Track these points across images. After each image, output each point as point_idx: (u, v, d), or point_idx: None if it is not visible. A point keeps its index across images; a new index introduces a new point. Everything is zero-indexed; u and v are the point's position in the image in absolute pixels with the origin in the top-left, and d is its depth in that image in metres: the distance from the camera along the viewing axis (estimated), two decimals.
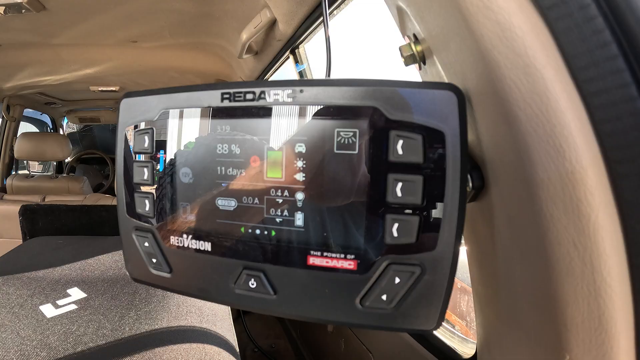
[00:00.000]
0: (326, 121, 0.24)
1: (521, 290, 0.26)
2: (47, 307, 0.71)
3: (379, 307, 0.25)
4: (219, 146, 0.28)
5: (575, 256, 0.21)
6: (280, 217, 0.26)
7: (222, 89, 0.27)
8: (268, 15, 0.98)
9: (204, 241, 0.29)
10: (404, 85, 0.23)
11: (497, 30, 0.19)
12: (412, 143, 0.23)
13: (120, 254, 1.04)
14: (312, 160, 0.25)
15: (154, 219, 0.31)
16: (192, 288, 0.30)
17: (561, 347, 0.23)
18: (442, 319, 0.26)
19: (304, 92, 0.24)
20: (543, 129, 0.20)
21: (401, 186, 0.23)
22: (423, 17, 0.28)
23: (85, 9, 1.03)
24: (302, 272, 0.25)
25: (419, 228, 0.24)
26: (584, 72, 0.19)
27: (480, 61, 0.21)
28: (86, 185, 2.11)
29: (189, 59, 1.75)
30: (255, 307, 0.27)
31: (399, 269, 0.24)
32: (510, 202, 0.25)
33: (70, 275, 0.86)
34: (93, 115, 2.81)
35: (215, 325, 0.79)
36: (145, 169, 0.32)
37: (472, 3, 0.20)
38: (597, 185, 0.20)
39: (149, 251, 0.32)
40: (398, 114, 0.23)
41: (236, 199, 0.27)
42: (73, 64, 1.45)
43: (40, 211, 1.11)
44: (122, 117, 0.33)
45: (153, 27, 1.33)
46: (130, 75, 1.82)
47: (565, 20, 0.19)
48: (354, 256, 0.25)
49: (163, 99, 0.30)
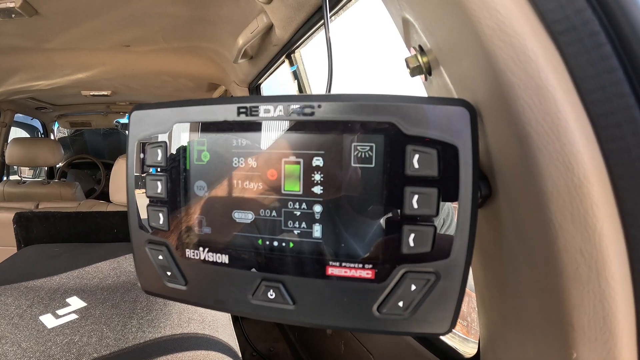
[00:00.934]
0: (343, 135, 0.25)
1: (528, 293, 0.28)
2: (47, 317, 0.70)
3: (395, 314, 0.26)
4: (235, 159, 0.28)
5: (582, 263, 0.23)
6: (298, 229, 0.27)
7: (238, 103, 0.27)
8: (265, 20, 0.99)
9: (221, 254, 0.29)
10: (420, 102, 0.24)
11: (512, 53, 0.21)
12: (427, 157, 0.24)
13: (117, 261, 1.03)
14: (329, 173, 0.26)
15: (168, 232, 0.31)
16: (208, 300, 0.31)
17: (568, 346, 0.24)
18: (455, 322, 0.27)
19: (322, 108, 0.25)
20: (553, 147, 0.21)
21: (417, 198, 0.24)
22: (433, 31, 0.29)
23: (78, 14, 1.02)
24: (321, 282, 0.26)
25: (434, 237, 0.25)
26: (591, 94, 0.20)
27: (493, 80, 0.22)
28: (78, 190, 2.08)
29: (182, 63, 1.75)
30: (274, 317, 0.28)
31: (415, 277, 0.25)
32: (519, 210, 0.26)
33: (69, 283, 0.85)
34: (84, 120, 2.78)
35: (217, 331, 0.80)
36: (158, 182, 0.32)
37: (487, 26, 0.21)
38: (602, 198, 0.22)
39: (163, 264, 0.32)
40: (414, 129, 0.24)
41: (253, 212, 0.28)
42: (65, 68, 1.43)
43: (34, 218, 1.10)
44: (133, 130, 0.33)
45: (146, 32, 1.32)
46: (122, 80, 1.80)
47: (575, 46, 0.20)
48: (371, 266, 0.26)
49: (176, 112, 0.30)
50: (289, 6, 0.83)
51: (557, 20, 0.20)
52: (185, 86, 2.18)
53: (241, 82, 1.74)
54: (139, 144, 0.32)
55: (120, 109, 2.65)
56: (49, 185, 2.05)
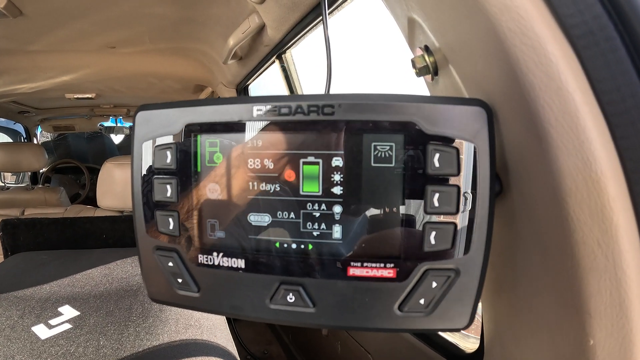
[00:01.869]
0: (363, 135, 0.25)
1: (542, 285, 0.28)
2: (40, 327, 0.68)
3: (416, 311, 0.26)
4: (250, 161, 0.28)
5: (599, 253, 0.24)
6: (317, 231, 0.27)
7: (255, 103, 0.27)
8: (257, 20, 0.98)
9: (236, 258, 0.29)
10: (438, 101, 0.24)
11: (533, 55, 0.21)
12: (448, 156, 0.24)
13: (109, 268, 1.01)
14: (349, 173, 0.26)
15: (179, 237, 0.30)
16: (223, 306, 0.30)
17: (585, 333, 0.25)
18: (474, 317, 0.27)
19: (342, 107, 0.24)
20: (572, 144, 0.22)
21: (438, 196, 0.25)
22: (444, 32, 0.29)
23: (64, 15, 0.99)
24: (341, 284, 0.26)
25: (454, 234, 0.25)
26: (607, 95, 0.21)
27: (513, 81, 0.23)
28: (63, 195, 2.02)
29: (168, 65, 1.72)
30: (293, 321, 0.28)
31: (436, 274, 0.26)
32: (534, 206, 0.27)
33: (60, 292, 0.83)
34: (67, 124, 2.70)
35: (215, 336, 0.78)
36: (168, 185, 0.31)
37: (509, 28, 0.21)
38: (618, 192, 0.23)
39: (173, 271, 0.31)
40: (435, 129, 0.24)
41: (270, 215, 0.28)
42: (49, 71, 1.39)
43: (21, 225, 1.06)
44: (139, 132, 0.31)
45: (133, 33, 1.29)
46: (107, 82, 1.76)
47: (592, 49, 0.21)
48: (393, 265, 0.26)
49: (187, 112, 0.29)
50: (283, 6, 0.83)
51: (575, 25, 0.21)
52: (171, 88, 2.14)
53: (229, 84, 1.73)
54: (152, 145, 0.30)
55: (104, 112, 2.60)
56: (34, 191, 1.99)
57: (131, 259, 1.09)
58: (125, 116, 2.71)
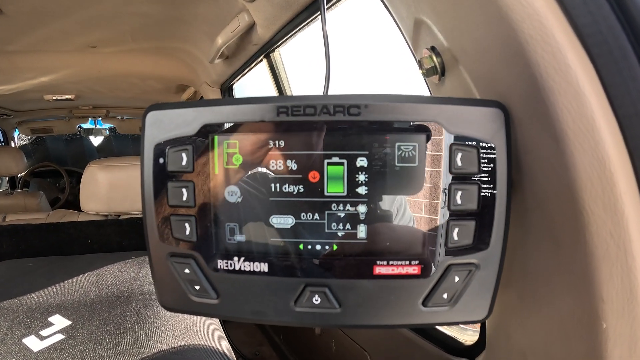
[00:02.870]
0: (387, 136, 0.26)
1: (553, 274, 0.30)
2: (31, 339, 0.65)
3: (440, 305, 0.27)
4: (272, 162, 0.28)
5: (611, 243, 0.25)
6: (342, 231, 0.27)
7: (278, 103, 0.26)
8: (247, 19, 0.97)
9: (259, 262, 0.28)
10: (458, 103, 0.25)
11: (553, 62, 0.23)
12: (469, 155, 0.25)
13: (97, 274, 0.98)
14: (373, 173, 0.26)
15: (196, 243, 0.30)
16: (244, 312, 0.29)
17: (598, 317, 0.27)
18: (492, 308, 0.29)
19: (368, 108, 0.25)
20: (589, 144, 0.23)
21: (461, 194, 0.25)
22: (458, 35, 0.30)
23: (45, 14, 0.95)
24: (367, 283, 0.27)
25: (475, 230, 0.26)
26: (619, 99, 0.23)
27: (532, 85, 0.24)
28: (43, 200, 1.94)
29: (150, 65, 1.68)
30: (318, 323, 0.28)
31: (458, 269, 0.26)
32: (546, 201, 0.28)
33: (48, 301, 0.80)
34: (46, 126, 2.59)
35: (213, 341, 0.78)
36: (184, 189, 0.30)
37: (530, 36, 0.23)
38: (628, 187, 0.25)
39: (190, 278, 0.30)
40: (456, 129, 0.25)
41: (293, 216, 0.28)
42: (28, 72, 1.33)
43: (4, 232, 1.01)
44: (149, 133, 0.30)
45: (115, 32, 1.26)
46: (88, 83, 1.70)
47: (606, 57, 0.23)
48: (417, 262, 0.26)
49: (204, 112, 0.28)
50: (275, 5, 0.82)
51: (592, 34, 0.23)
52: (152, 88, 2.09)
53: (213, 83, 1.70)
54: (165, 147, 0.29)
55: (83, 114, 2.51)
56: (13, 196, 1.90)
57: (119, 264, 1.06)
58: (104, 117, 2.63)
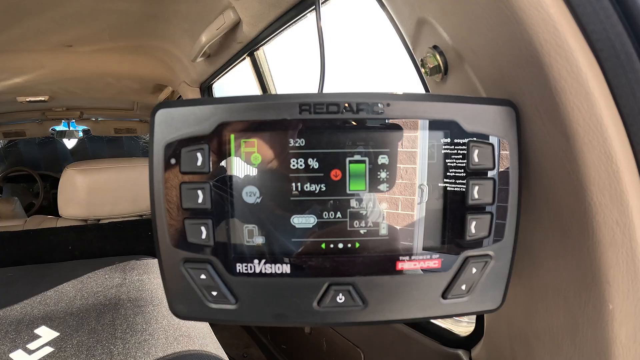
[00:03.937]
0: (408, 133, 0.26)
1: (560, 262, 0.31)
2: (18, 353, 0.62)
3: (458, 296, 0.28)
4: (293, 161, 0.27)
5: (617, 231, 0.27)
6: (364, 229, 0.27)
7: (299, 100, 0.26)
8: (232, 16, 0.95)
9: (280, 264, 0.28)
10: (473, 101, 0.26)
11: (566, 64, 0.24)
12: (485, 151, 0.26)
13: (81, 281, 0.94)
14: (394, 170, 0.27)
15: (213, 247, 0.29)
16: (265, 315, 0.29)
17: (604, 299, 0.29)
18: (505, 297, 0.30)
19: (391, 106, 0.25)
20: (597, 141, 0.25)
21: (478, 189, 0.27)
22: (466, 35, 0.31)
23: (19, 11, 0.90)
24: (391, 278, 0.27)
25: (491, 223, 0.27)
26: (624, 99, 0.25)
27: (543, 86, 0.26)
28: (18, 206, 1.84)
29: (127, 64, 1.62)
30: (342, 321, 0.28)
31: (475, 261, 0.28)
32: (554, 193, 0.30)
33: (33, 312, 0.76)
34: (18, 129, 2.44)
35: (207, 346, 0.77)
36: (199, 191, 0.28)
37: (545, 40, 0.25)
38: (631, 179, 0.27)
39: (207, 284, 0.29)
40: (473, 127, 0.26)
41: (315, 215, 0.28)
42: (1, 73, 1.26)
43: None
44: (159, 132, 0.28)
45: (92, 30, 1.21)
46: (62, 83, 1.62)
47: (613, 60, 0.25)
48: (438, 255, 0.27)
49: (220, 110, 0.27)
50: (263, 2, 0.82)
51: (600, 40, 0.25)
52: (129, 88, 2.03)
53: (193, 82, 1.66)
54: (178, 147, 0.28)
55: (57, 116, 2.39)
56: None
57: (103, 270, 1.02)
58: (78, 119, 2.52)
